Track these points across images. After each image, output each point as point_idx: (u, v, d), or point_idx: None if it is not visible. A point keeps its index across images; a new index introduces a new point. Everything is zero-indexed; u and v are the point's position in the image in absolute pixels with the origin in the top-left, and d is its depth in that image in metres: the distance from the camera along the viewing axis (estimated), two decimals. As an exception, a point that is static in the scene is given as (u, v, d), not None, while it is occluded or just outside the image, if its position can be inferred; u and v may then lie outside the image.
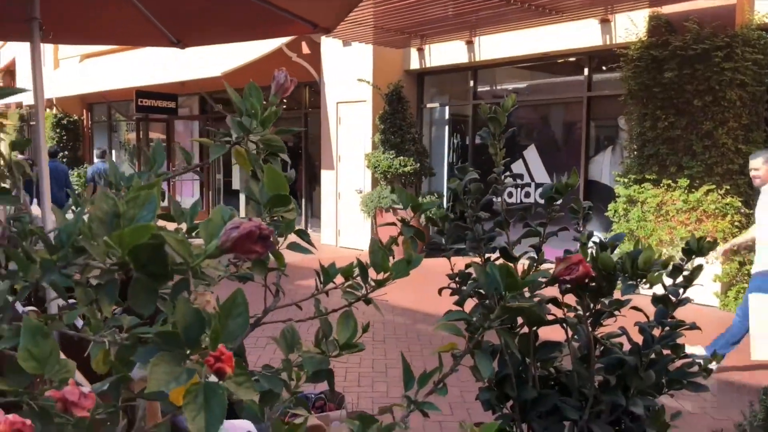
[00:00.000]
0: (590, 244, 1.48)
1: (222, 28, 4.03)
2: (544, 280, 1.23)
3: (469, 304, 1.55)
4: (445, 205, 10.21)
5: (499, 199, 1.45)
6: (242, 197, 13.83)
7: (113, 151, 18.10)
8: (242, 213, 1.17)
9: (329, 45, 10.94)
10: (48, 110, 17.42)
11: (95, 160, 12.88)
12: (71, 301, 1.04)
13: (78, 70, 16.26)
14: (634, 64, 7.62)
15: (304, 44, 11.43)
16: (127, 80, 13.34)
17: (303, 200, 12.78)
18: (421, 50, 10.63)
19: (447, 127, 11.16)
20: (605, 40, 8.46)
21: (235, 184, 15.02)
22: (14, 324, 0.89)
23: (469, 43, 9.92)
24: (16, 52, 17.66)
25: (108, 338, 0.86)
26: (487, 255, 1.45)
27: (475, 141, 10.70)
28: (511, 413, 1.57)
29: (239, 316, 0.83)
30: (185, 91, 13.98)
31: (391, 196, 10.11)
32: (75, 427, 0.90)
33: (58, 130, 16.96)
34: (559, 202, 1.42)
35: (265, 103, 1.23)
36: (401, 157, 10.05)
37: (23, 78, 18.17)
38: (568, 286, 1.24)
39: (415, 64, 10.78)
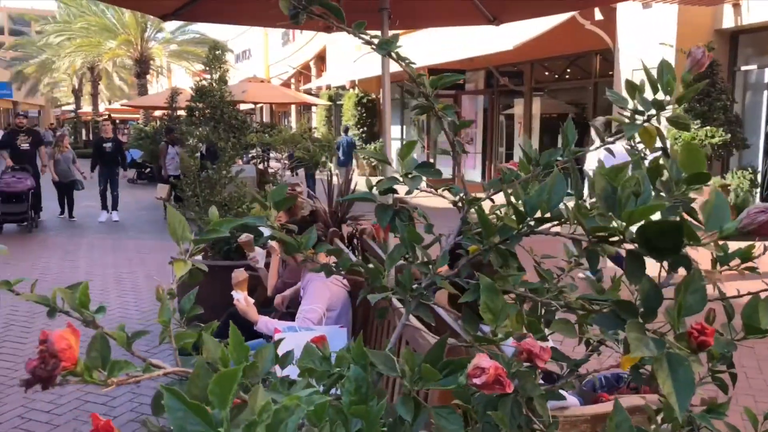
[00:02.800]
0: None
1: (537, 2, 4.05)
2: None
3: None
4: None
5: None
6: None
7: (404, 126, 19.53)
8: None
9: (626, 9, 10.25)
10: (350, 90, 19.41)
11: (341, 133, 15.72)
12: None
13: (377, 53, 17.71)
14: None
15: (596, 10, 10.88)
16: (419, 59, 14.15)
17: (589, 174, 12.34)
18: (737, 6, 9.37)
19: (766, 93, 9.72)
20: None
21: (516, 157, 15.07)
22: (473, 281, 1.03)
23: (803, -9, 8.45)
24: (326, 40, 19.96)
25: (560, 302, 0.95)
26: None
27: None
28: None
29: (697, 292, 0.85)
30: (473, 67, 14.38)
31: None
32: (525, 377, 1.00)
33: (358, 108, 18.82)
34: None
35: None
36: (708, 127, 9.05)
37: (332, 63, 20.53)
38: None
39: (728, 23, 9.55)
